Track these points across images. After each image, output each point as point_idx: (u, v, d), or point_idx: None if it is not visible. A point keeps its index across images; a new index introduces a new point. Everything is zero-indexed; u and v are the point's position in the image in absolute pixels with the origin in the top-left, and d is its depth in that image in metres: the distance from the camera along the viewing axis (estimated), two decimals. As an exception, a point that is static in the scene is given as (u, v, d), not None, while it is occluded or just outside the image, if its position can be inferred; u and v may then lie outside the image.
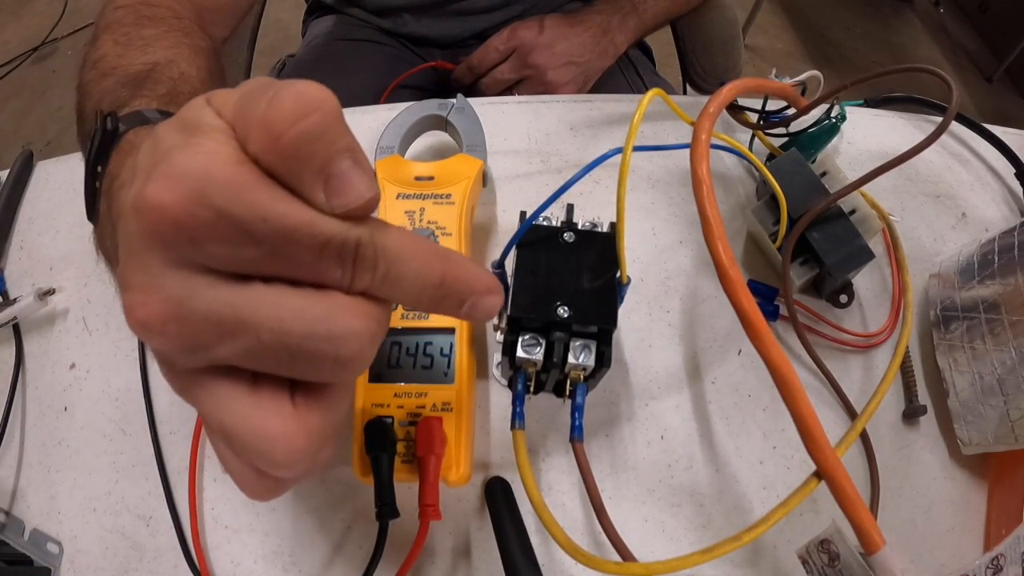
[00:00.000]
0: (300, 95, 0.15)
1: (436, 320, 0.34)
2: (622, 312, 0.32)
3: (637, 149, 0.31)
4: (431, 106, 0.43)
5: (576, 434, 0.30)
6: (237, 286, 0.16)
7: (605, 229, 0.32)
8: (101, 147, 0.27)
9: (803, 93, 0.43)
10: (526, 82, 0.64)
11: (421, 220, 0.37)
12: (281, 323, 0.16)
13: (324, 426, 0.18)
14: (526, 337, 0.30)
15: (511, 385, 0.31)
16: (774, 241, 0.40)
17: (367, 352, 0.17)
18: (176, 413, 0.38)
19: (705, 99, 0.33)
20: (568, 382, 0.31)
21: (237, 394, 0.17)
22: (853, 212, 0.39)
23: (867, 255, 0.38)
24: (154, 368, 0.39)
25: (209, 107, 0.17)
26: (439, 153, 0.46)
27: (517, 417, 0.30)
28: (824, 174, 0.40)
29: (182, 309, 0.16)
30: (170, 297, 0.16)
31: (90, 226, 0.44)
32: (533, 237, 0.32)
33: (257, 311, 0.16)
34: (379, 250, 0.17)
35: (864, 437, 0.37)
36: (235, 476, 0.18)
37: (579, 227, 0.32)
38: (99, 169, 0.27)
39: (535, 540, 0.32)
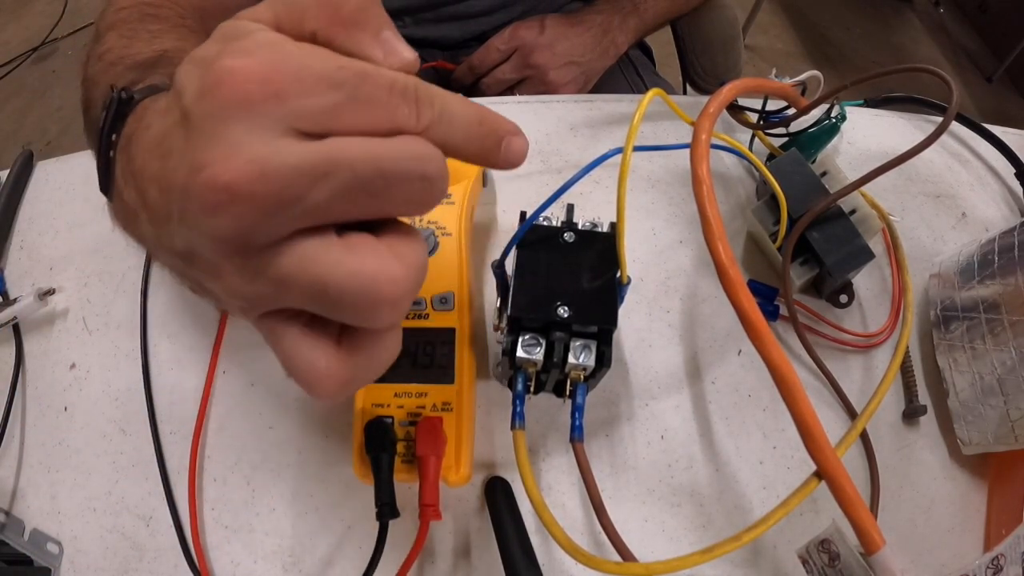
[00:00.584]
0: None
1: (436, 320, 0.34)
2: (622, 312, 0.32)
3: (637, 149, 0.31)
4: (431, 106, 0.43)
5: (576, 434, 0.30)
6: (321, 140, 0.17)
7: (605, 229, 0.32)
8: (117, 115, 0.27)
9: (803, 93, 0.43)
10: (527, 82, 0.64)
11: (421, 220, 0.37)
12: (374, 152, 0.17)
13: (418, 266, 0.19)
14: (526, 337, 0.30)
15: (511, 385, 0.31)
16: (774, 241, 0.40)
17: (445, 179, 0.19)
18: (176, 413, 0.38)
19: (705, 99, 0.33)
20: (568, 382, 0.31)
21: (328, 244, 0.17)
22: (853, 212, 0.39)
23: (867, 255, 0.38)
24: (155, 367, 0.39)
25: (242, 20, 0.19)
26: (439, 153, 0.46)
27: (517, 417, 0.30)
28: (824, 174, 0.40)
29: (271, 164, 0.16)
30: (256, 157, 0.16)
31: (90, 226, 0.45)
32: (533, 237, 0.31)
33: (346, 149, 0.17)
34: (431, 91, 0.19)
35: (864, 437, 0.37)
36: (308, 370, 0.19)
37: (579, 227, 0.32)
38: (114, 138, 0.27)
39: (535, 540, 0.32)
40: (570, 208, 0.33)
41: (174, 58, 0.36)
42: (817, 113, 0.43)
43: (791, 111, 0.43)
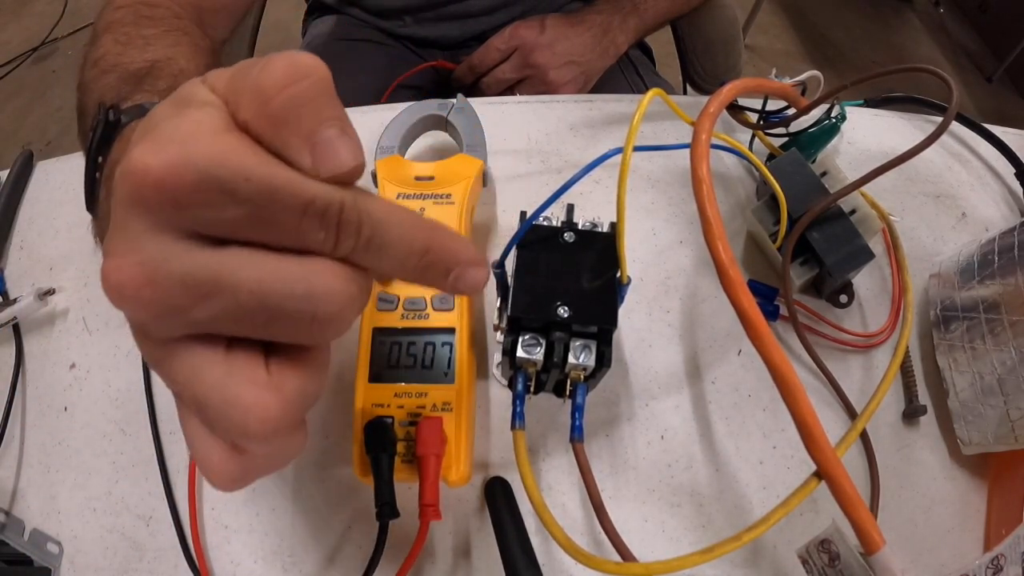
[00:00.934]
0: (292, 61, 0.16)
1: (436, 320, 0.34)
2: (622, 312, 0.32)
3: (637, 149, 0.31)
4: (431, 106, 0.43)
5: (576, 434, 0.30)
6: (217, 249, 0.16)
7: (605, 229, 0.32)
8: (103, 138, 0.27)
9: (803, 93, 0.43)
10: (527, 82, 0.64)
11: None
12: (260, 283, 0.16)
13: (299, 396, 0.18)
14: (526, 337, 0.30)
15: (511, 385, 0.31)
16: (774, 241, 0.40)
17: (347, 314, 0.17)
18: (176, 413, 0.38)
19: (705, 99, 0.33)
20: (568, 382, 0.31)
21: (211, 362, 0.17)
22: (853, 212, 0.39)
23: (867, 255, 0.38)
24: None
25: (203, 84, 0.18)
26: (439, 153, 0.46)
27: (517, 417, 0.30)
28: (824, 174, 0.40)
29: (158, 273, 0.16)
30: (147, 260, 0.16)
31: (90, 227, 0.45)
32: (533, 237, 0.31)
33: (236, 272, 0.16)
34: (363, 214, 0.17)
35: (864, 437, 0.37)
36: (202, 460, 0.18)
37: (579, 227, 0.32)
38: (100, 160, 0.27)
39: (535, 540, 0.32)
40: (570, 208, 0.33)
41: (163, 69, 0.37)
42: (817, 113, 0.43)
43: (791, 111, 0.43)
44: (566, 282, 0.30)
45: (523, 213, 0.33)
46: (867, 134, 0.49)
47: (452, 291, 0.19)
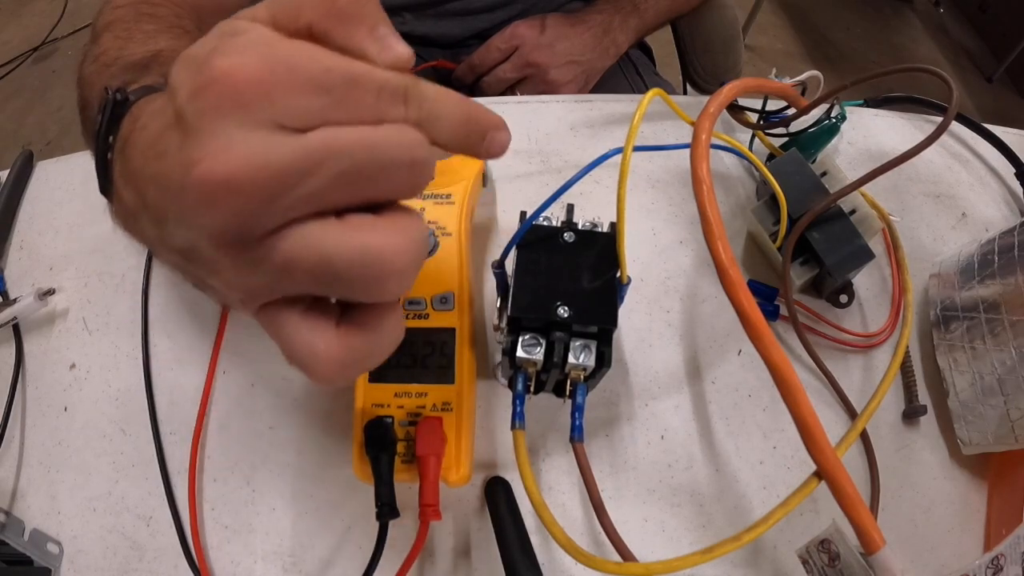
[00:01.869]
0: None
1: (436, 320, 0.34)
2: (622, 312, 0.32)
3: (637, 149, 0.31)
4: (431, 106, 0.42)
5: (576, 434, 0.30)
6: (312, 132, 0.17)
7: (605, 229, 0.32)
8: (112, 117, 0.27)
9: (803, 93, 0.43)
10: (527, 81, 0.64)
11: (421, 220, 0.37)
12: (361, 140, 0.18)
13: (418, 232, 0.19)
14: (526, 337, 0.30)
15: (511, 385, 0.31)
16: (774, 241, 0.40)
17: (433, 161, 0.19)
18: (176, 413, 0.38)
19: (705, 99, 0.33)
20: (568, 382, 0.31)
21: (328, 226, 0.18)
22: (853, 212, 0.39)
23: (867, 255, 0.38)
24: (156, 367, 0.39)
25: (239, 19, 0.19)
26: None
27: (517, 417, 0.30)
28: (824, 174, 0.40)
29: (265, 156, 0.17)
30: (251, 150, 0.17)
31: (90, 226, 0.45)
32: (533, 237, 0.31)
33: (339, 138, 0.17)
34: (423, 91, 0.19)
35: (864, 437, 0.37)
36: (305, 352, 0.19)
37: (579, 227, 0.32)
38: (111, 139, 0.27)
39: (535, 540, 0.32)
40: (570, 208, 0.33)
41: (168, 58, 0.36)
42: (817, 113, 0.43)
43: (791, 111, 0.43)
44: (566, 282, 0.30)
45: (523, 213, 0.33)
46: (867, 134, 0.49)
47: (485, 154, 0.21)
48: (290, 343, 0.19)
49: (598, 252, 0.31)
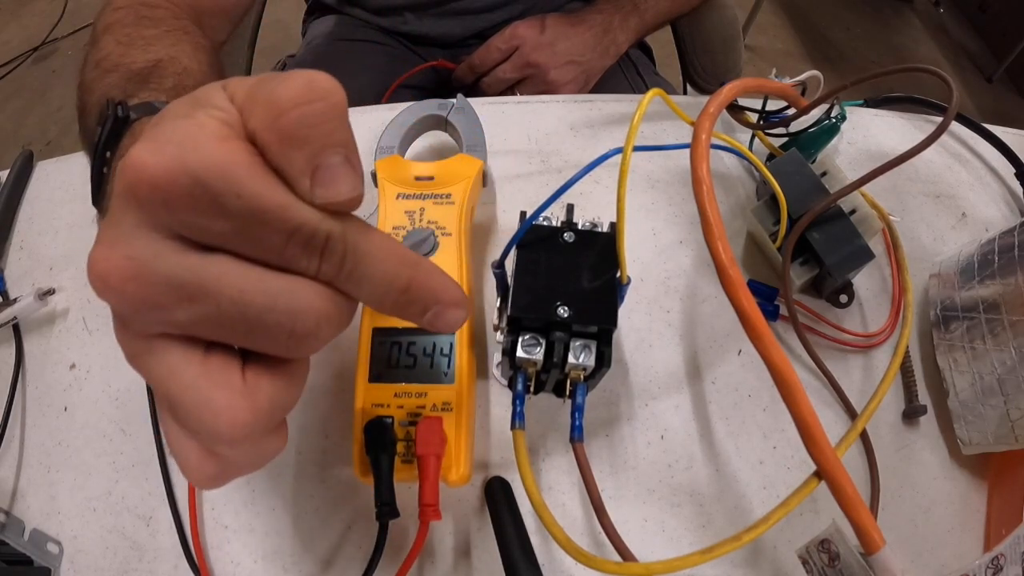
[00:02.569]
0: (310, 81, 0.16)
1: (436, 320, 0.34)
2: (622, 312, 0.32)
3: (637, 149, 0.31)
4: (431, 106, 0.43)
5: (576, 434, 0.30)
6: (204, 255, 0.17)
7: (605, 229, 0.32)
8: (112, 133, 0.27)
9: (803, 93, 0.43)
10: (527, 81, 0.64)
11: (421, 220, 0.37)
12: (242, 293, 0.16)
13: (272, 405, 0.18)
14: (526, 337, 0.30)
15: (511, 385, 0.31)
16: (774, 241, 0.40)
17: (324, 332, 0.18)
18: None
19: (705, 99, 0.33)
20: (568, 382, 0.31)
21: (187, 362, 0.17)
22: (853, 212, 0.39)
23: (867, 255, 0.38)
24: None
25: (223, 91, 0.18)
26: (439, 153, 0.46)
27: (517, 417, 0.30)
28: (824, 174, 0.40)
29: (144, 268, 0.16)
30: (135, 256, 0.16)
31: (90, 226, 0.45)
32: (533, 237, 0.31)
33: (220, 279, 0.16)
34: (349, 246, 0.17)
35: (864, 437, 0.37)
36: (179, 457, 0.18)
37: (579, 227, 0.32)
38: (108, 155, 0.27)
39: (535, 540, 0.32)
40: (570, 208, 0.33)
41: (167, 68, 0.37)
42: (817, 113, 0.43)
43: (791, 111, 0.43)
44: (566, 282, 0.30)
45: (523, 213, 0.33)
46: (867, 134, 0.49)
47: (428, 327, 0.19)
48: (166, 440, 0.19)
49: (598, 252, 0.31)
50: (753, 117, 0.44)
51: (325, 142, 0.16)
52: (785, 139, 0.44)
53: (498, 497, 0.34)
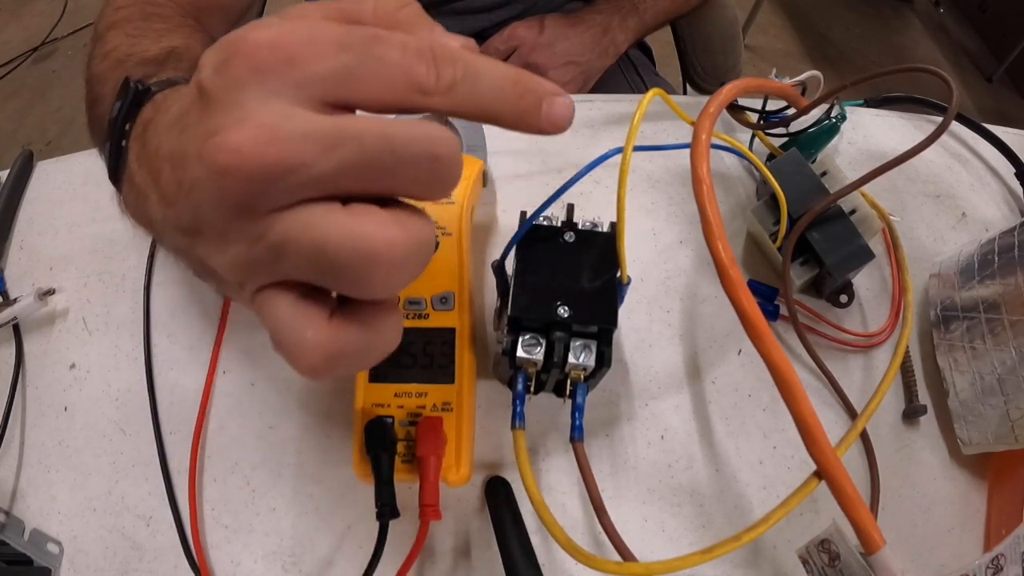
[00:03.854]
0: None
1: (436, 320, 0.34)
2: (622, 312, 0.32)
3: (637, 149, 0.31)
4: (431, 106, 0.42)
5: (576, 434, 0.30)
6: (333, 112, 0.17)
7: (605, 229, 0.32)
8: (132, 105, 0.27)
9: (803, 93, 0.43)
10: (526, 82, 0.64)
11: (421, 220, 0.37)
12: (385, 126, 0.17)
13: (422, 232, 0.18)
14: (526, 337, 0.30)
15: (511, 385, 0.31)
16: (774, 241, 0.40)
17: (458, 161, 0.19)
18: (176, 413, 0.38)
19: (705, 99, 0.33)
20: (568, 382, 0.31)
21: (330, 210, 0.17)
22: (853, 212, 0.39)
23: (867, 255, 0.38)
24: (158, 367, 0.39)
25: (305, 5, 0.19)
26: (439, 153, 0.46)
27: (517, 417, 0.30)
28: (824, 174, 0.40)
29: (281, 130, 0.16)
30: (267, 122, 0.16)
31: (90, 226, 0.45)
32: (533, 237, 0.31)
33: (357, 123, 0.17)
34: (455, 52, 0.19)
35: (864, 437, 0.37)
36: (293, 339, 0.18)
37: (579, 227, 0.32)
38: (127, 127, 0.27)
39: (535, 540, 0.32)
40: (570, 208, 0.33)
41: (183, 55, 0.36)
42: (817, 113, 0.43)
43: (791, 111, 0.43)
44: (566, 282, 0.30)
45: (523, 213, 0.33)
46: (867, 134, 0.49)
47: (548, 124, 0.20)
48: (277, 328, 0.19)
49: (598, 252, 0.31)
50: (753, 117, 0.44)
51: (432, 25, 0.20)
52: (785, 139, 0.44)
53: (498, 497, 0.34)
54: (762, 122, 0.44)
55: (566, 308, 0.29)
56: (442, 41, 0.20)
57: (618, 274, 0.31)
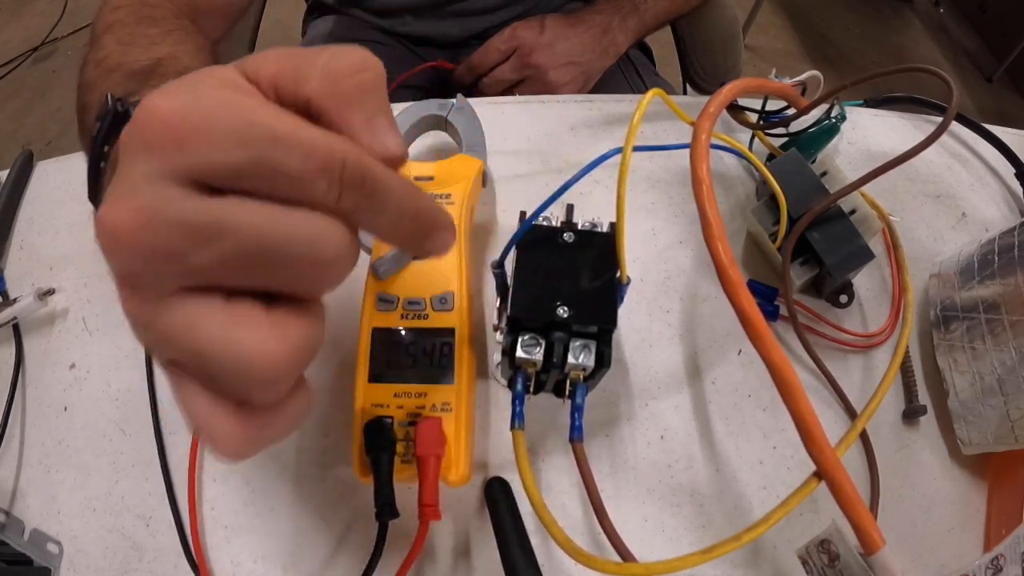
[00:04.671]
0: (363, 55, 0.19)
1: (436, 320, 0.34)
2: (622, 312, 0.32)
3: (637, 149, 0.31)
4: (431, 106, 0.43)
5: (576, 434, 0.30)
6: (218, 198, 0.16)
7: (605, 229, 0.32)
8: (112, 127, 0.27)
9: (803, 93, 0.43)
10: (527, 82, 0.64)
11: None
12: (262, 226, 0.16)
13: (302, 340, 0.18)
14: (526, 337, 0.30)
15: (511, 385, 0.31)
16: (774, 241, 0.40)
17: (344, 264, 0.18)
18: (176, 413, 0.38)
19: (705, 99, 0.33)
20: (568, 382, 0.31)
21: (210, 311, 0.17)
22: (853, 212, 0.39)
23: (867, 255, 0.38)
24: (156, 367, 0.39)
25: (234, 67, 0.19)
26: (439, 153, 0.46)
27: (517, 417, 0.30)
28: (824, 174, 0.40)
29: (156, 216, 0.16)
30: (145, 205, 0.16)
31: (90, 226, 0.45)
32: (533, 237, 0.31)
33: (237, 216, 0.16)
34: (366, 170, 0.17)
35: (864, 437, 0.37)
36: (208, 427, 0.18)
37: (579, 227, 0.32)
38: (106, 149, 0.27)
39: (535, 540, 0.32)
40: (570, 208, 0.33)
41: (168, 66, 0.37)
42: (817, 113, 0.43)
43: (791, 111, 0.43)
44: (566, 282, 0.30)
45: (523, 213, 0.33)
46: (867, 134, 0.49)
47: (423, 253, 0.20)
48: (191, 415, 0.18)
49: (598, 252, 0.31)
50: (753, 117, 0.44)
51: (379, 107, 0.18)
52: (785, 139, 0.44)
53: (498, 497, 0.34)
54: (762, 122, 0.44)
55: (566, 308, 0.29)
56: (370, 148, 0.18)
57: (618, 274, 0.31)
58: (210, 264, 0.16)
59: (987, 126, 0.48)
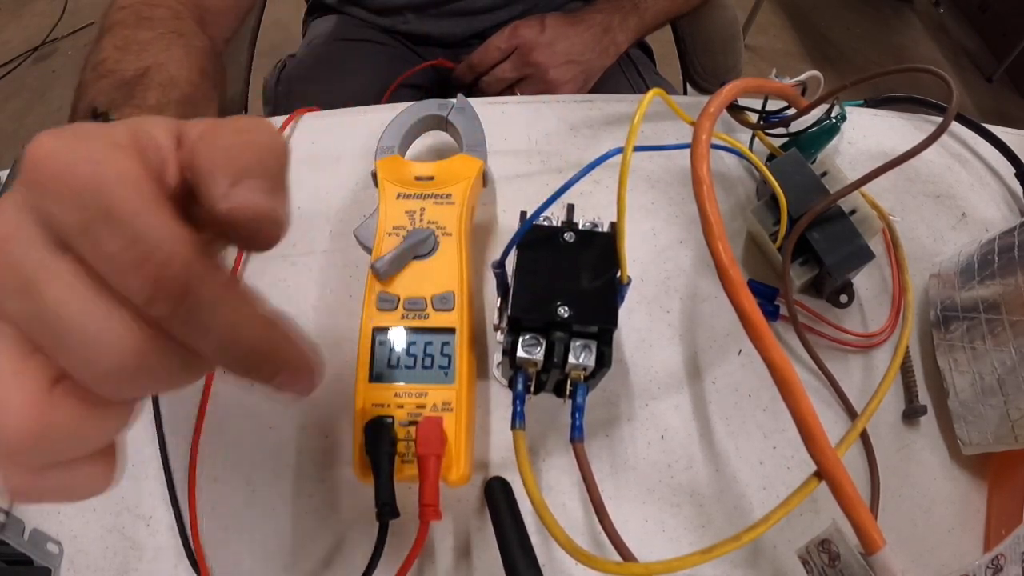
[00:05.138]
0: (260, 121, 0.18)
1: (436, 320, 0.34)
2: (622, 312, 0.32)
3: (637, 149, 0.31)
4: (431, 106, 0.43)
5: (576, 434, 0.30)
6: (56, 253, 0.16)
7: (605, 229, 0.32)
8: None
9: (803, 93, 0.43)
10: (527, 81, 0.64)
11: (421, 220, 0.37)
12: (63, 303, 0.15)
13: (66, 428, 0.16)
14: (526, 337, 0.30)
15: (511, 385, 0.31)
16: (774, 241, 0.40)
17: (129, 380, 0.16)
18: (176, 413, 0.38)
19: (705, 99, 0.33)
20: (568, 382, 0.31)
21: (5, 355, 0.16)
22: (853, 212, 0.39)
23: (867, 255, 0.38)
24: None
25: (173, 125, 0.18)
26: (439, 153, 0.46)
27: (517, 417, 0.30)
28: (824, 174, 0.40)
29: (3, 244, 0.16)
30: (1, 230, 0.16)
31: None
32: (533, 237, 0.31)
33: (51, 281, 0.15)
34: (194, 283, 0.15)
35: (864, 437, 0.37)
36: None
37: (579, 227, 0.32)
38: None
39: (535, 540, 0.32)
40: (570, 208, 0.33)
41: (154, 76, 0.38)
42: (817, 113, 0.43)
43: (791, 111, 0.43)
44: (566, 282, 0.30)
45: (523, 213, 0.33)
46: (867, 134, 0.49)
47: (270, 392, 0.18)
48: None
49: (598, 252, 0.31)
50: (753, 117, 0.44)
51: (256, 165, 0.17)
52: (785, 139, 0.44)
53: (498, 497, 0.34)
54: (762, 122, 0.44)
55: (566, 308, 0.29)
56: (186, 263, 0.15)
57: (618, 274, 0.31)
58: (14, 314, 0.16)
59: (987, 126, 0.48)
